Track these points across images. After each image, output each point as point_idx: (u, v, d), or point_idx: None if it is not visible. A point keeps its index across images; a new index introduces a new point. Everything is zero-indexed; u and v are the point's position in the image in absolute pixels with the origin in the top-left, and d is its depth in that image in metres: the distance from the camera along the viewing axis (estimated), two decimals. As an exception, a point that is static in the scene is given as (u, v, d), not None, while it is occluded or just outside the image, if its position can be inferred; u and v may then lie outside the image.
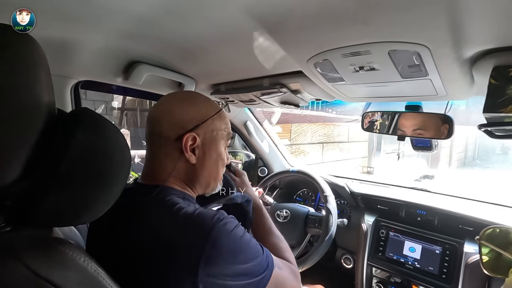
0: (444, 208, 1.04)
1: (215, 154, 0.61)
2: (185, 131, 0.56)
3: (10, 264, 0.35)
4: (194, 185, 0.60)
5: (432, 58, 0.52)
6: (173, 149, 0.56)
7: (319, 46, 0.60)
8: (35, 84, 0.39)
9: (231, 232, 0.49)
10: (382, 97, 0.81)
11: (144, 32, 0.70)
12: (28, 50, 0.39)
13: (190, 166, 0.58)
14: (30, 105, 0.38)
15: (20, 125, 0.37)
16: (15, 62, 0.38)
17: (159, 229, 0.49)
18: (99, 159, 0.43)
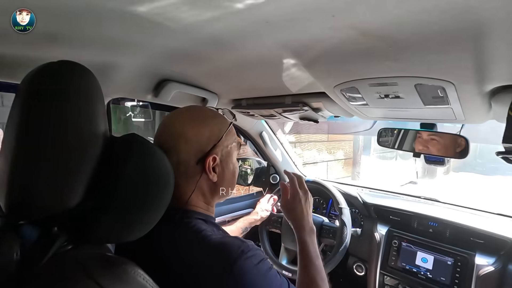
0: (455, 220, 1.08)
1: (232, 166, 0.63)
2: (204, 154, 0.57)
3: (81, 281, 0.39)
4: (214, 198, 0.63)
5: (456, 92, 0.57)
6: (193, 172, 0.57)
7: (348, 75, 0.64)
8: (95, 115, 0.43)
9: (255, 267, 0.49)
10: (401, 118, 0.85)
11: (180, 55, 0.74)
12: (88, 83, 0.44)
13: (211, 183, 0.60)
14: (91, 134, 0.43)
15: (83, 154, 0.42)
16: (80, 96, 0.42)
17: (184, 256, 0.51)
18: (149, 182, 0.47)
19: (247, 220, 1.25)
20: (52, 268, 0.41)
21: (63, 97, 0.41)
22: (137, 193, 0.45)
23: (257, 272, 0.49)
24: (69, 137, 0.40)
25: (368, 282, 1.21)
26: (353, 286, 1.33)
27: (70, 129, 0.41)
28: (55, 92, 0.40)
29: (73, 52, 0.65)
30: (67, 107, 0.40)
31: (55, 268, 0.41)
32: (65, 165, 0.40)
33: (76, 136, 0.41)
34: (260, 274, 0.49)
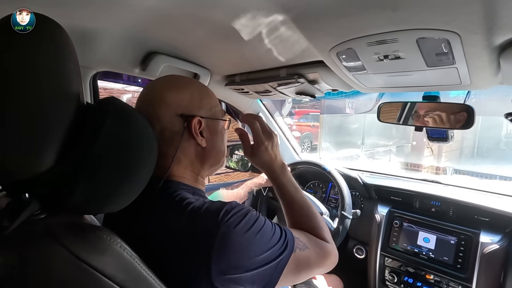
0: (459, 198, 1.04)
1: (220, 131, 0.61)
2: (189, 117, 0.55)
3: (53, 248, 0.36)
4: (204, 167, 0.60)
5: (462, 45, 0.52)
6: (179, 137, 0.55)
7: (344, 34, 0.59)
8: (66, 75, 0.39)
9: (240, 226, 0.47)
10: (402, 87, 0.80)
11: (163, 20, 0.69)
12: (59, 39, 0.40)
13: (201, 149, 0.58)
14: (63, 95, 0.39)
15: (53, 115, 0.38)
16: (50, 53, 0.38)
17: (170, 226, 0.49)
18: (128, 148, 0.43)
19: (251, 183, 1.21)
20: (21, 235, 0.38)
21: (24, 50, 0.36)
22: (113, 160, 0.41)
23: (243, 230, 0.47)
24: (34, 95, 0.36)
25: (369, 264, 1.19)
26: (353, 270, 1.30)
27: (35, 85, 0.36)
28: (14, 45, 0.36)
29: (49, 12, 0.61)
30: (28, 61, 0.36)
31: (24, 235, 0.38)
32: (30, 125, 0.36)
33: (42, 94, 0.37)
34: (247, 231, 0.48)
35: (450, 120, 0.84)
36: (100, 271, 0.37)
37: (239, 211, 0.49)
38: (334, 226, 1.13)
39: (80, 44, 0.74)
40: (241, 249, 0.47)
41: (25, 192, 0.44)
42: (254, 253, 0.48)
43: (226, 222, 0.46)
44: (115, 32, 0.75)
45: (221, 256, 0.45)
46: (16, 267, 0.34)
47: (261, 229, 0.50)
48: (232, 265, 0.46)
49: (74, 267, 0.36)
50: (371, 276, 1.17)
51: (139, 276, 0.41)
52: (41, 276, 0.35)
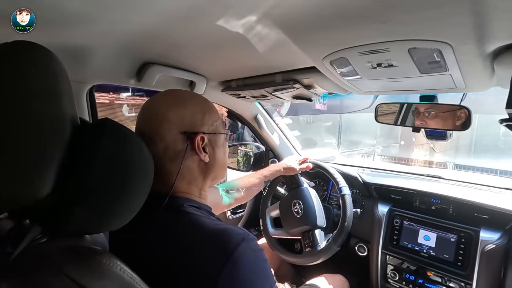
0: (459, 196, 1.04)
1: (221, 145, 0.62)
2: (192, 135, 0.55)
3: (52, 274, 0.37)
4: (207, 181, 0.61)
5: (454, 54, 0.51)
6: (180, 154, 0.55)
7: (335, 44, 0.59)
8: (60, 98, 0.40)
9: (255, 253, 0.48)
10: (397, 91, 0.80)
11: (157, 34, 0.69)
12: (51, 65, 0.40)
13: (203, 165, 0.58)
14: (57, 119, 0.39)
15: (49, 140, 0.38)
16: (42, 79, 0.38)
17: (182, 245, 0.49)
18: (124, 169, 0.44)
19: (267, 171, 1.15)
20: (23, 262, 0.39)
21: (19, 78, 0.37)
22: (110, 181, 0.42)
23: (256, 259, 0.48)
24: (26, 123, 0.37)
25: (371, 262, 1.20)
26: (355, 267, 1.32)
27: (29, 113, 0.37)
28: (9, 74, 0.36)
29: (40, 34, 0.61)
30: (23, 90, 0.37)
31: (26, 262, 0.39)
32: (25, 155, 0.37)
33: (38, 121, 0.38)
34: (259, 261, 0.48)
35: (447, 122, 0.84)
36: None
37: (256, 241, 0.49)
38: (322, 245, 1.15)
39: (74, 59, 0.74)
40: (251, 273, 0.46)
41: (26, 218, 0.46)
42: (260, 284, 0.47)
43: (243, 245, 0.46)
44: (109, 46, 0.75)
45: (230, 275, 0.44)
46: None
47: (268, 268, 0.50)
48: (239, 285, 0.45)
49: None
50: (373, 273, 1.18)
51: None
52: None
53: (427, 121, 0.87)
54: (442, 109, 0.84)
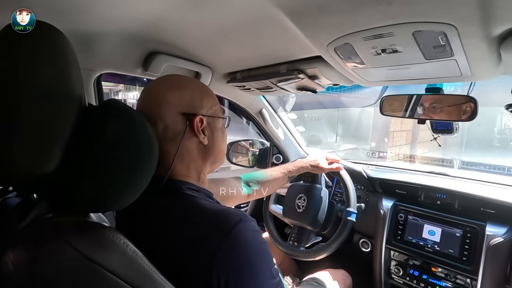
0: (465, 191, 1.03)
1: (220, 129, 0.63)
2: (191, 116, 0.56)
3: (58, 246, 0.38)
4: (206, 165, 0.61)
5: (459, 37, 0.51)
6: (179, 135, 0.56)
7: (340, 29, 0.59)
8: (69, 78, 0.41)
9: (252, 234, 0.48)
10: (403, 80, 0.80)
11: (163, 21, 0.70)
12: (61, 45, 0.41)
13: (203, 147, 0.59)
14: (66, 98, 0.40)
15: (57, 118, 0.39)
16: (51, 58, 0.39)
17: (182, 226, 0.49)
18: (129, 148, 0.45)
19: (292, 166, 1.10)
20: (29, 234, 0.40)
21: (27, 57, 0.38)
22: (116, 159, 0.43)
23: (254, 239, 0.47)
24: (38, 100, 0.38)
25: (374, 258, 1.18)
26: (359, 263, 1.31)
27: (41, 90, 0.38)
28: (27, 52, 0.38)
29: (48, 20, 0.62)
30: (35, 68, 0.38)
31: (33, 234, 0.40)
32: (35, 129, 0.38)
33: (46, 98, 0.39)
34: (257, 241, 0.48)
35: (453, 113, 0.83)
36: (105, 267, 0.38)
37: (254, 223, 0.49)
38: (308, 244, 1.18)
39: (82, 47, 0.76)
40: (248, 253, 0.46)
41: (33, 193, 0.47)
42: (258, 264, 0.47)
43: (240, 225, 0.46)
44: (117, 34, 0.76)
45: (227, 257, 0.45)
46: (25, 264, 0.36)
47: (267, 249, 0.50)
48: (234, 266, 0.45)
49: (80, 264, 0.37)
50: (377, 269, 1.17)
51: (143, 271, 0.42)
52: (49, 274, 0.37)
53: (435, 112, 0.86)
54: (448, 99, 0.83)
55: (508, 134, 2.73)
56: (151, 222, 0.53)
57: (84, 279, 0.38)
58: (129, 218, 0.57)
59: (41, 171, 0.39)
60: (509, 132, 2.88)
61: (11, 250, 0.38)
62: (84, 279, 0.38)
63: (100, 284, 0.38)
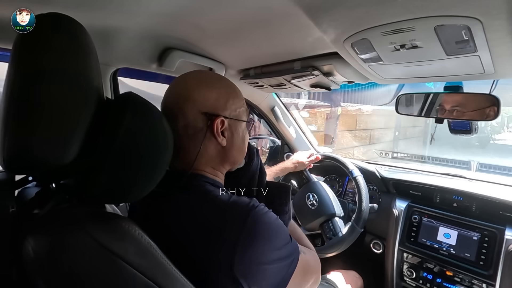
0: (483, 193, 1.00)
1: (241, 132, 0.61)
2: (212, 117, 0.55)
3: (77, 235, 0.38)
4: (224, 165, 0.61)
5: (484, 32, 0.49)
6: (201, 135, 0.56)
7: (358, 24, 0.58)
8: (88, 70, 0.42)
9: (266, 218, 0.50)
10: (421, 77, 0.77)
11: (179, 16, 0.71)
12: (80, 37, 0.42)
13: (221, 148, 0.58)
14: (85, 89, 0.41)
15: (76, 109, 0.40)
16: (71, 49, 0.40)
17: (196, 217, 0.50)
18: (146, 141, 0.45)
19: (277, 168, 1.21)
20: (48, 221, 0.41)
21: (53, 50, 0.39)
22: (133, 152, 0.44)
23: (268, 220, 0.50)
24: (61, 90, 0.39)
25: (386, 259, 1.16)
26: (370, 265, 1.29)
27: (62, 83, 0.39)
28: (45, 45, 0.38)
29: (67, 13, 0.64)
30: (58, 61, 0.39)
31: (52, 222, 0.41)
32: (56, 120, 0.39)
33: (66, 89, 0.39)
34: (271, 223, 0.51)
35: (474, 112, 0.80)
36: (120, 256, 0.39)
37: (264, 206, 0.52)
38: (344, 232, 1.12)
39: (100, 42, 0.77)
40: (265, 239, 0.49)
41: (52, 183, 0.48)
42: (276, 246, 0.50)
43: (254, 213, 0.49)
44: (133, 29, 0.77)
45: (247, 247, 0.47)
46: (45, 251, 0.37)
47: (281, 225, 0.53)
48: (255, 256, 0.47)
49: (96, 253, 0.38)
50: (389, 271, 1.15)
51: (156, 262, 0.42)
52: (68, 261, 0.37)
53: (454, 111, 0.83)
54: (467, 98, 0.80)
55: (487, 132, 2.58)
56: (166, 216, 0.53)
57: (101, 267, 0.38)
58: (143, 210, 0.58)
59: (61, 161, 0.39)
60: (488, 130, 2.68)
61: (31, 237, 0.38)
62: (101, 268, 0.38)
63: (115, 273, 0.39)
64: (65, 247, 0.38)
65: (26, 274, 0.38)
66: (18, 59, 0.38)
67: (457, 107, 0.84)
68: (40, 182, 0.49)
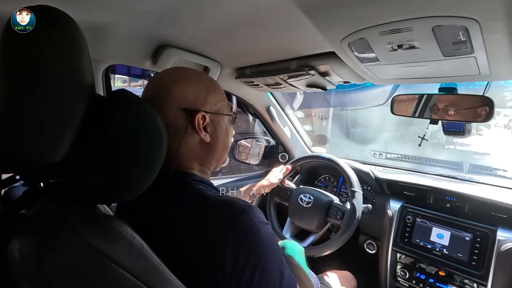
0: (476, 194, 1.01)
1: (225, 126, 0.61)
2: (193, 112, 0.54)
3: (66, 235, 0.37)
4: (210, 161, 0.60)
5: (481, 33, 0.49)
6: (180, 131, 0.55)
7: (356, 23, 0.57)
8: (80, 67, 0.40)
9: (257, 226, 0.46)
10: (417, 78, 0.78)
11: (174, 13, 0.69)
12: (72, 31, 0.40)
13: (205, 144, 0.57)
14: (77, 87, 0.40)
15: (68, 106, 0.39)
16: (62, 43, 0.38)
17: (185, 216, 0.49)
18: (139, 139, 0.44)
19: (255, 186, 1.23)
20: (36, 223, 0.40)
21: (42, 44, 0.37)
22: (125, 151, 0.42)
23: (259, 233, 0.46)
24: (51, 87, 0.37)
25: (380, 259, 1.17)
26: (364, 265, 1.29)
27: (53, 78, 0.37)
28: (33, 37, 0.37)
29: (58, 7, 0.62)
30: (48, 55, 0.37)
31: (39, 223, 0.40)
32: (46, 116, 0.37)
33: (57, 85, 0.38)
34: (263, 235, 0.46)
35: (468, 113, 0.81)
36: (111, 258, 0.38)
37: (259, 214, 0.49)
38: (348, 207, 1.14)
39: (92, 38, 0.75)
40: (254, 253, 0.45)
41: (40, 182, 0.46)
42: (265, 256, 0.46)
43: (245, 217, 0.46)
44: (126, 25, 0.76)
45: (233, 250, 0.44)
46: (32, 253, 0.36)
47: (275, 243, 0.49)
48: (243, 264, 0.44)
49: (86, 255, 0.37)
50: (382, 271, 1.15)
51: (149, 264, 0.41)
52: (56, 263, 0.36)
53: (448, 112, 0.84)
54: (461, 100, 0.81)
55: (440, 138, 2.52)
56: (154, 215, 0.52)
57: (91, 270, 0.37)
58: (131, 212, 0.56)
59: (50, 159, 0.38)
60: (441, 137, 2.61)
61: (17, 238, 0.37)
62: (91, 270, 0.37)
63: (106, 275, 0.38)
64: (53, 249, 0.36)
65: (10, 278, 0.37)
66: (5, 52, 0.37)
67: (452, 108, 0.84)
68: (28, 181, 0.47)
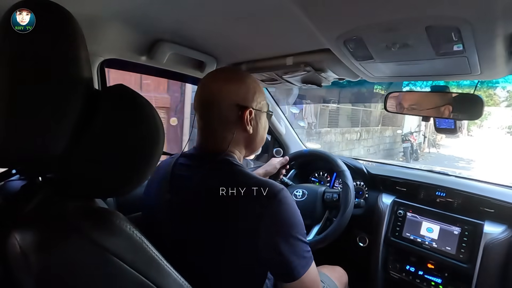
0: (465, 189, 1.04)
1: (263, 122, 0.71)
2: (243, 108, 0.64)
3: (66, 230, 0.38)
4: (247, 151, 0.71)
5: (473, 34, 0.51)
6: (232, 122, 0.64)
7: (351, 21, 0.58)
8: (77, 61, 0.40)
9: (292, 201, 0.57)
10: (410, 76, 0.79)
11: (170, 7, 0.69)
12: (70, 26, 0.40)
13: (247, 135, 0.67)
14: (74, 79, 0.40)
15: (66, 99, 0.39)
16: (60, 38, 0.38)
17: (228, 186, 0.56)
18: (137, 134, 0.44)
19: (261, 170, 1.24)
20: (35, 216, 0.40)
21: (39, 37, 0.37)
22: (122, 145, 0.43)
23: (293, 206, 0.57)
24: (48, 80, 0.37)
25: (371, 253, 1.20)
26: (355, 258, 1.32)
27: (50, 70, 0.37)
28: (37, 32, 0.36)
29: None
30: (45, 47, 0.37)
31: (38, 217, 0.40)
32: (43, 110, 0.37)
33: (56, 78, 0.38)
34: (295, 209, 0.57)
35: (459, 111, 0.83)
36: (111, 251, 0.38)
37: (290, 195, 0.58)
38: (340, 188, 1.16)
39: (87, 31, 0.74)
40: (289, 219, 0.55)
41: (38, 176, 0.46)
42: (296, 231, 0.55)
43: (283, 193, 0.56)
44: (122, 18, 0.75)
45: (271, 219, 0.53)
46: (33, 247, 0.36)
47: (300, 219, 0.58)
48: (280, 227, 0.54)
49: (86, 248, 0.37)
50: (374, 264, 1.18)
51: (148, 257, 0.42)
52: (56, 257, 0.36)
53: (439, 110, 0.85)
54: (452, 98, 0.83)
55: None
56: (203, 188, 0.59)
57: (92, 263, 0.38)
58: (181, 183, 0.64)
59: (48, 153, 0.38)
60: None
61: (18, 231, 0.37)
62: (92, 263, 0.38)
63: (105, 268, 0.38)
64: (54, 243, 0.37)
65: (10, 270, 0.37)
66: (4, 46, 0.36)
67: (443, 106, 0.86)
68: (26, 175, 0.47)
